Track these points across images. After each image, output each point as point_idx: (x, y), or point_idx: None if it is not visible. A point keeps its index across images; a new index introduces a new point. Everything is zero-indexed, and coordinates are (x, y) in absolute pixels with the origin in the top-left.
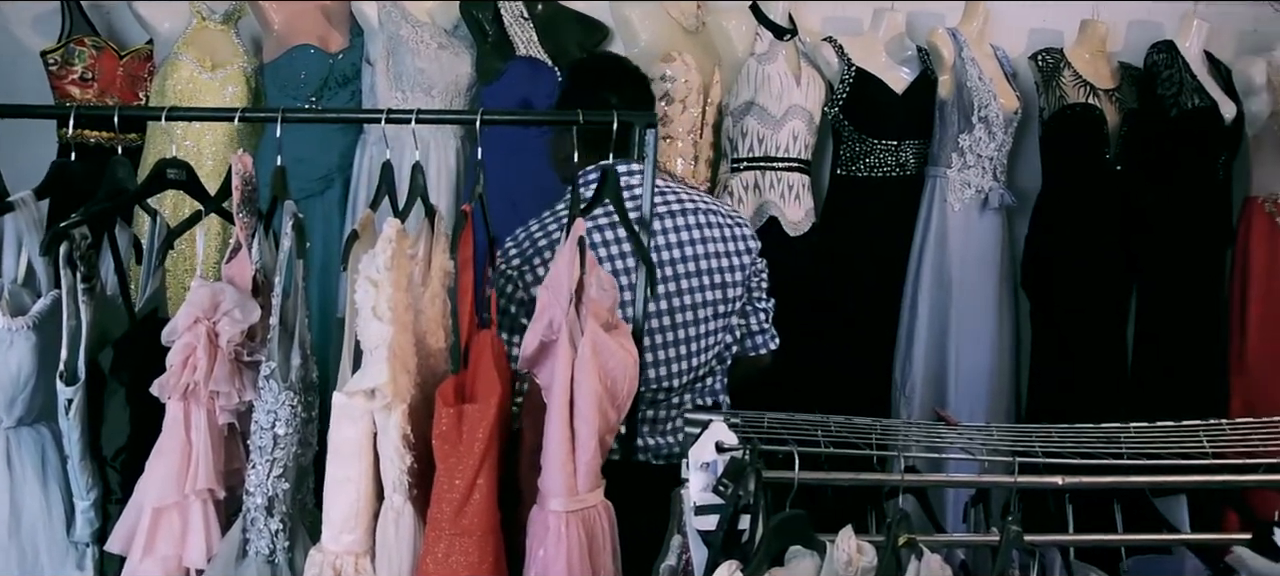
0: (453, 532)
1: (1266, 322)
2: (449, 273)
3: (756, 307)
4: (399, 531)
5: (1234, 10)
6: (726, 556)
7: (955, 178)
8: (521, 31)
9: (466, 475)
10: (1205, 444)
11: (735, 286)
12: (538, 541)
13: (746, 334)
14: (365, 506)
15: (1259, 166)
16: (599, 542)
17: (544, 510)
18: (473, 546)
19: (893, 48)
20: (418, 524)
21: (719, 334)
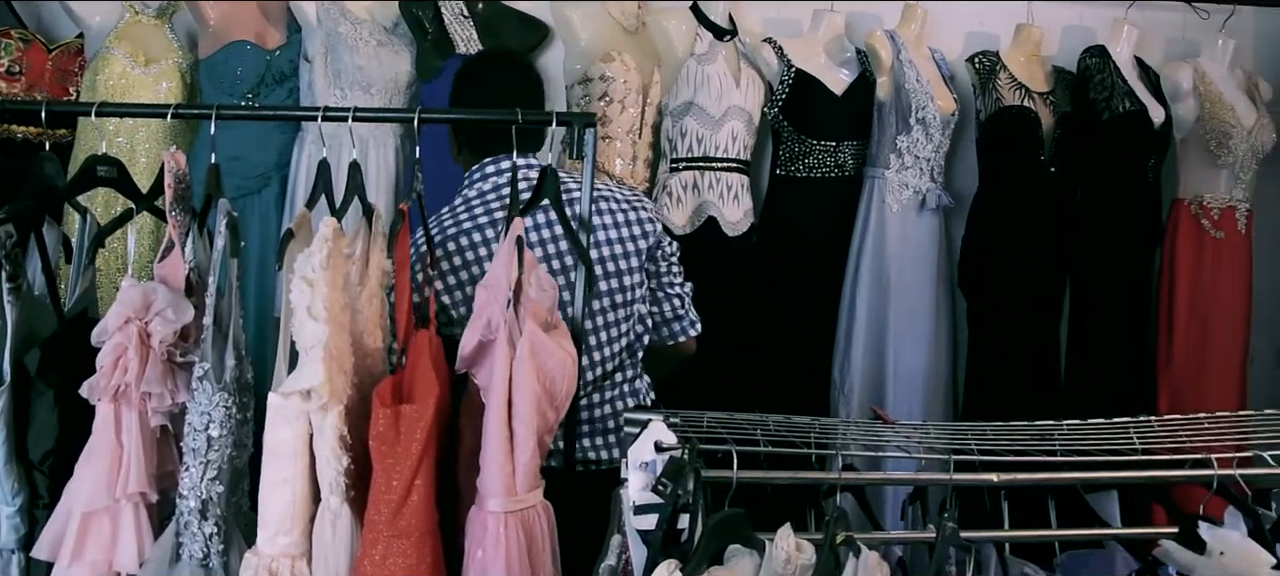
0: (390, 534)
1: (1192, 321)
2: (387, 272)
3: (668, 293)
4: (336, 533)
5: (1163, 17)
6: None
7: (893, 179)
8: (462, 29)
9: (404, 476)
10: (1135, 440)
11: (631, 272)
12: (476, 542)
13: (661, 322)
14: (301, 508)
15: (1186, 169)
16: (538, 543)
17: (483, 510)
18: (411, 547)
19: (832, 49)
20: (355, 525)
21: (623, 326)
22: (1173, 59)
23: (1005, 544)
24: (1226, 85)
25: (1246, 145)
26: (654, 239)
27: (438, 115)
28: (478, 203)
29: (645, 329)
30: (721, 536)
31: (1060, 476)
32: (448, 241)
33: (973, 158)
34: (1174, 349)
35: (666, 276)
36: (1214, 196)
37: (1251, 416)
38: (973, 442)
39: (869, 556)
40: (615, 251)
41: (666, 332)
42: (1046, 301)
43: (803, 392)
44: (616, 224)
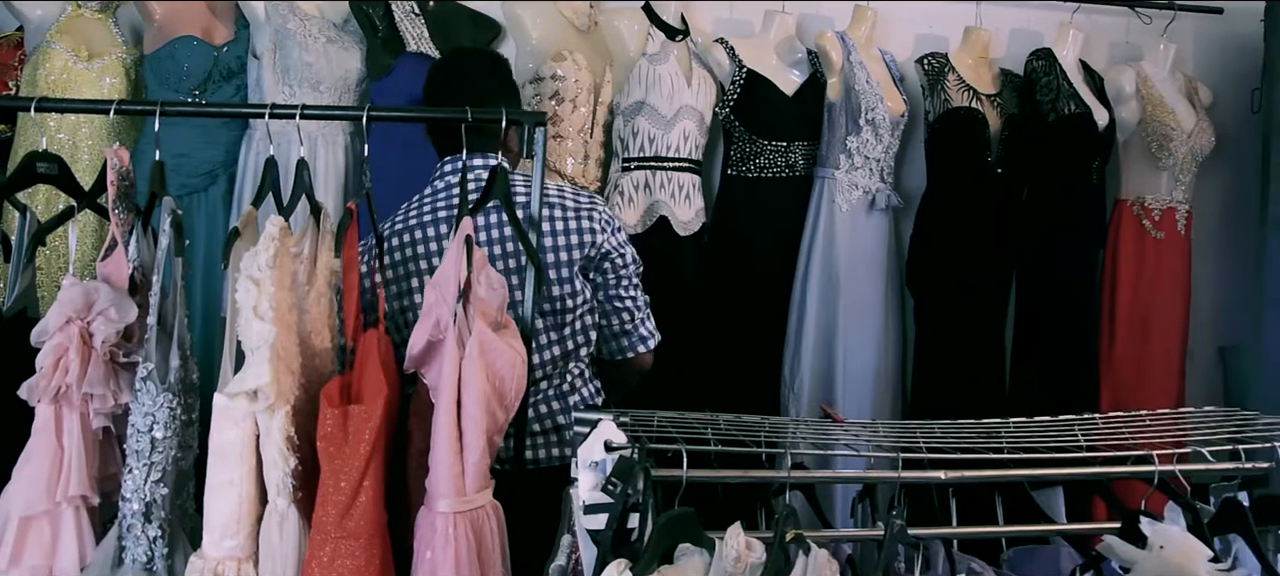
0: (338, 535)
1: (1133, 320)
2: (335, 271)
3: (616, 307)
4: (283, 535)
5: (1107, 22)
6: (616, 555)
7: (843, 179)
8: (412, 27)
9: (352, 477)
10: (1079, 438)
11: (562, 282)
12: (425, 543)
13: (609, 336)
14: (248, 510)
15: (1128, 170)
16: (488, 543)
17: (432, 511)
18: (359, 549)
19: (783, 50)
20: (303, 527)
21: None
22: (1116, 63)
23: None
24: (1167, 89)
25: (1186, 148)
26: (596, 249)
27: (386, 113)
28: (427, 199)
29: (585, 340)
30: (671, 535)
31: (1007, 474)
32: (393, 237)
33: (922, 158)
34: (1116, 346)
35: (615, 288)
36: (1155, 197)
37: (1191, 413)
38: (921, 440)
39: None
40: (549, 260)
41: (615, 347)
42: (993, 300)
43: (753, 391)
44: (555, 231)
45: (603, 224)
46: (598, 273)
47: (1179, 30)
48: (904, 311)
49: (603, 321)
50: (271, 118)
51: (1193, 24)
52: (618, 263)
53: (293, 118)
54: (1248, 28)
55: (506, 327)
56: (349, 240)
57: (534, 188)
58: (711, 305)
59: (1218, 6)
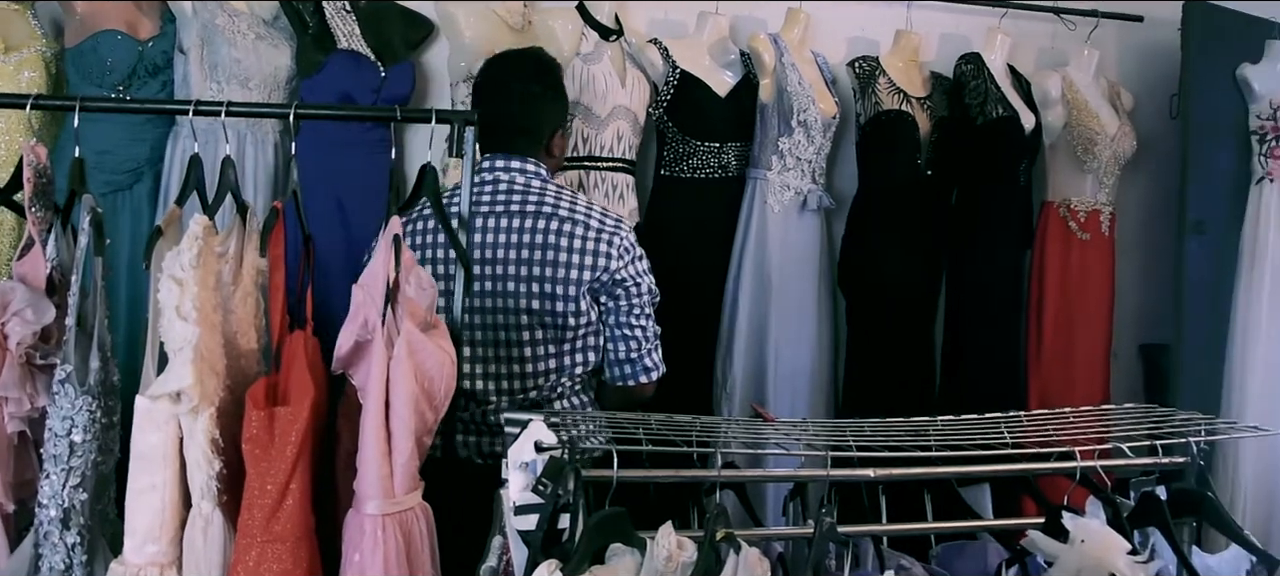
0: (264, 539)
1: (1059, 320)
2: (262, 271)
3: (625, 334)
4: (208, 539)
5: (1033, 27)
6: (546, 556)
7: (775, 180)
8: (343, 24)
9: (278, 479)
10: (1006, 435)
11: (567, 300)
12: (353, 545)
13: (614, 361)
14: (171, 515)
15: (1054, 173)
16: (417, 545)
17: (360, 513)
18: (286, 552)
19: (716, 51)
20: (228, 531)
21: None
22: (1043, 67)
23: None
24: (1092, 94)
25: (1110, 151)
26: (609, 276)
27: (314, 111)
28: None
29: (583, 360)
30: (602, 535)
31: (935, 471)
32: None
33: (853, 160)
34: (1043, 345)
35: (627, 316)
36: (1080, 199)
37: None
38: (851, 439)
39: (749, 553)
40: (558, 276)
41: (618, 372)
42: (922, 300)
43: (686, 390)
44: (571, 248)
45: (621, 251)
46: (609, 298)
47: (1102, 37)
48: (835, 311)
49: (609, 346)
50: (196, 115)
51: (1115, 31)
52: (631, 291)
53: (218, 115)
54: (1166, 36)
55: (436, 328)
56: (275, 239)
57: (464, 188)
58: None
59: (1138, 15)
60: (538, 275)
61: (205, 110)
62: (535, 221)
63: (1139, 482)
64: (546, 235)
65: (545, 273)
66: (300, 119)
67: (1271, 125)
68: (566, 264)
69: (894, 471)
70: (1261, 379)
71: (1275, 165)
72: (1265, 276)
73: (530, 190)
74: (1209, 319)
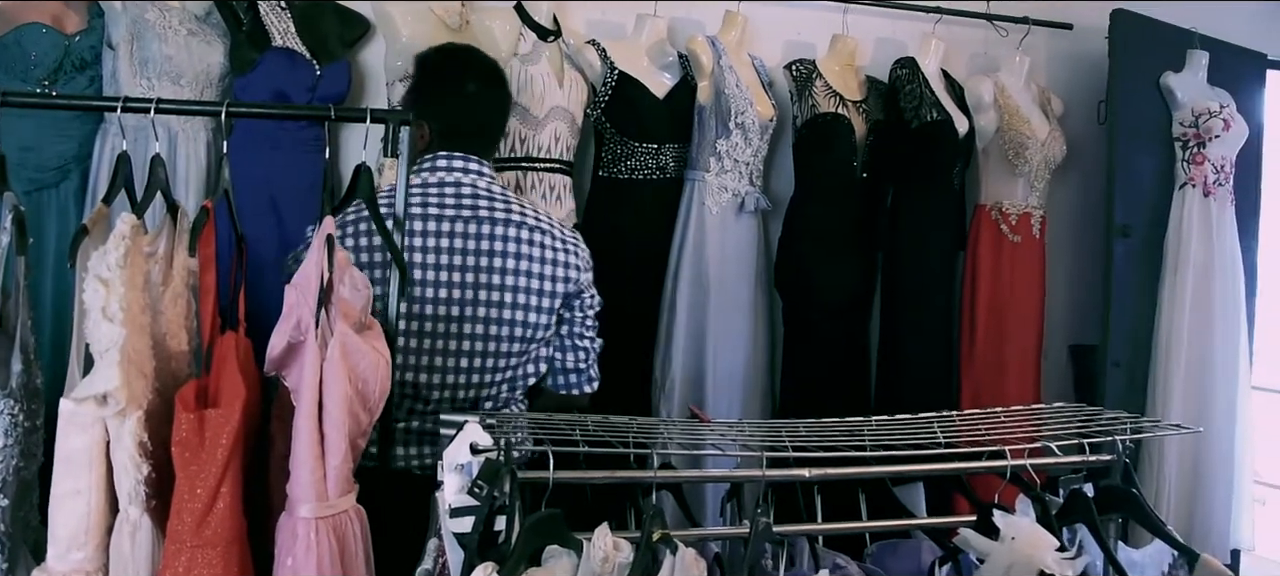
0: (194, 544)
1: (992, 320)
2: (192, 271)
3: (575, 344)
4: (135, 545)
5: (967, 33)
6: (482, 558)
7: (713, 182)
8: (278, 21)
9: (209, 483)
10: (938, 435)
11: (541, 311)
12: (286, 549)
13: (560, 370)
14: (97, 521)
15: (987, 177)
16: (351, 549)
17: (293, 517)
18: (216, 558)
19: (654, 53)
20: (156, 537)
21: (514, 360)
22: (976, 73)
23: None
24: (1023, 99)
25: (1041, 155)
26: (575, 287)
27: (246, 109)
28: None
29: (535, 371)
30: (538, 537)
31: (869, 471)
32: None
33: (790, 162)
34: (976, 346)
35: (578, 327)
36: (1012, 203)
37: (1042, 409)
38: (786, 439)
39: (685, 553)
40: (532, 286)
41: (563, 382)
42: (858, 301)
43: (624, 392)
44: (545, 260)
45: (584, 263)
46: (567, 309)
47: (1033, 44)
48: (773, 312)
49: (559, 355)
50: (125, 112)
51: (1045, 38)
52: (587, 302)
53: (147, 112)
54: (1094, 44)
55: (370, 329)
56: (205, 239)
57: (399, 188)
58: None
59: (1067, 23)
60: (511, 284)
61: (134, 107)
62: (505, 228)
63: (1068, 480)
64: (518, 244)
65: (519, 282)
66: (232, 117)
67: (1193, 132)
68: (541, 274)
69: (829, 471)
70: (1185, 378)
71: (1196, 171)
72: (1188, 279)
73: (494, 196)
74: (1135, 320)
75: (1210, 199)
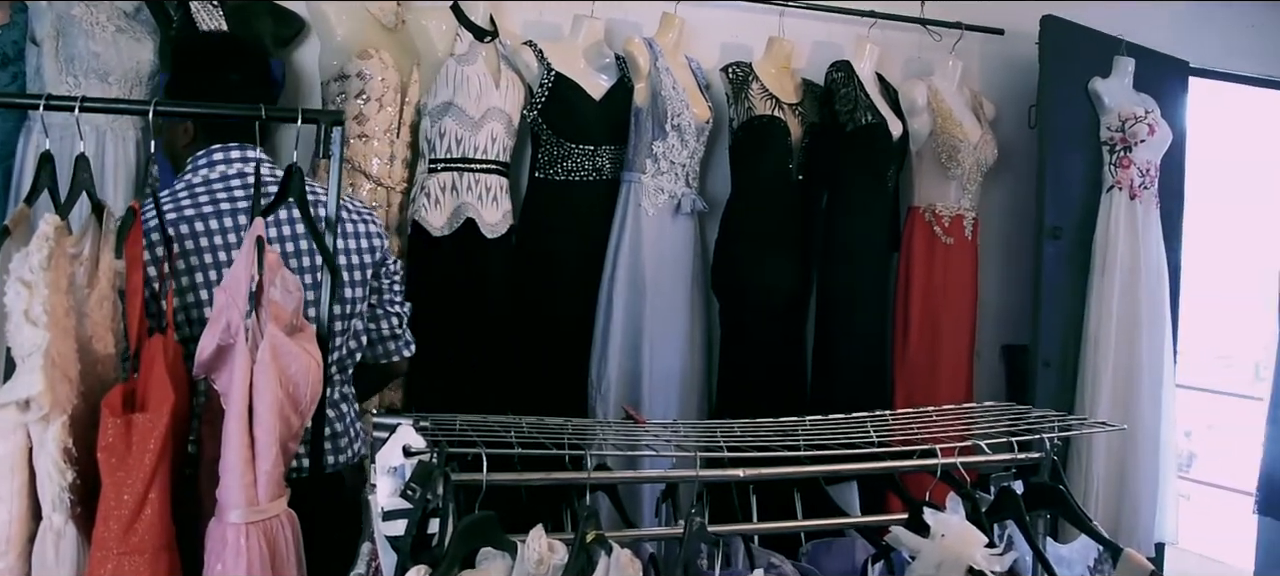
0: (121, 551)
1: (925, 321)
2: (119, 273)
3: (387, 311)
4: (60, 554)
5: (901, 37)
6: (415, 561)
7: (649, 183)
8: (209, 19)
9: (136, 489)
10: (872, 434)
11: (356, 285)
12: (216, 555)
13: (377, 340)
14: (19, 529)
15: (920, 179)
16: (282, 554)
17: (222, 522)
18: (144, 565)
19: (591, 54)
20: (81, 544)
21: (339, 338)
22: (910, 77)
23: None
24: (956, 103)
25: (973, 159)
26: (381, 255)
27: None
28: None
29: (357, 346)
30: (472, 539)
31: (803, 470)
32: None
33: (726, 164)
34: (909, 346)
35: (388, 294)
36: (945, 205)
37: (973, 408)
38: (721, 439)
39: (620, 554)
40: (345, 262)
41: (382, 350)
42: (794, 302)
43: (560, 393)
44: (349, 234)
45: (381, 231)
46: (376, 278)
47: (965, 49)
48: (709, 313)
49: (372, 326)
50: (48, 109)
51: (978, 43)
52: (392, 269)
53: (72, 110)
54: (1025, 49)
55: (302, 331)
56: (132, 239)
57: (332, 189)
58: (518, 308)
59: (999, 28)
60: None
61: (57, 105)
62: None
63: (998, 477)
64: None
65: (336, 260)
66: (160, 116)
67: (1120, 136)
68: (350, 249)
69: (763, 471)
70: (1113, 377)
71: (1123, 175)
72: (1115, 280)
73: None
74: (1065, 320)
75: (1136, 202)
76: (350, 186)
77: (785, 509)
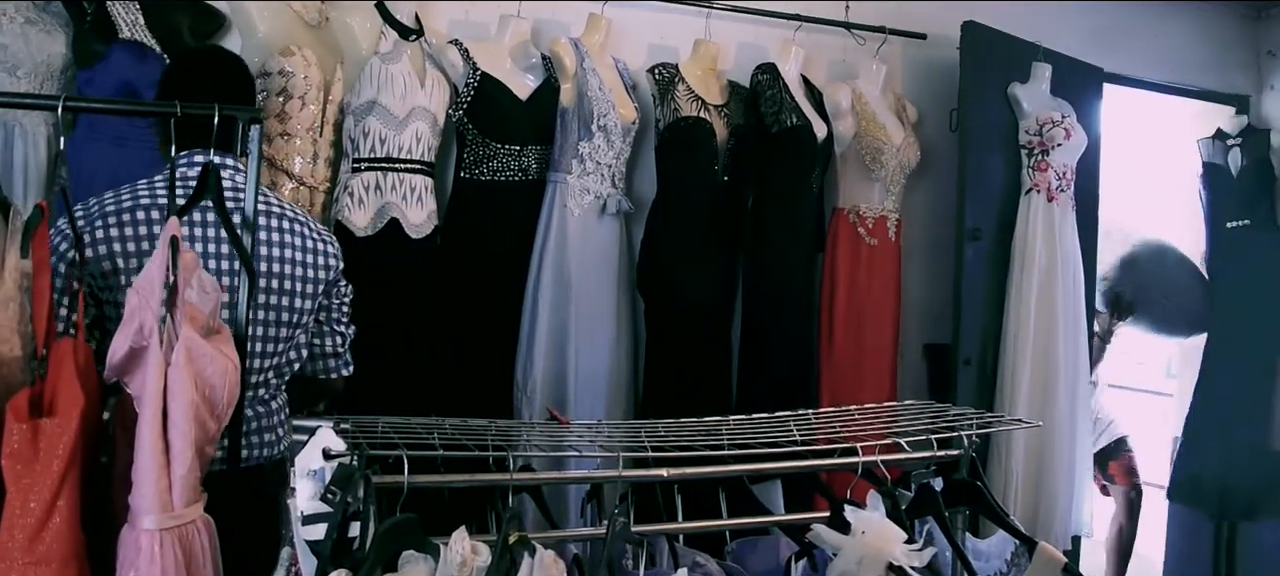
0: (27, 562)
1: (849, 321)
2: (26, 274)
3: (334, 329)
4: None
5: (826, 40)
6: (336, 565)
7: (575, 183)
8: (125, 13)
9: (43, 497)
10: (795, 433)
11: (306, 298)
12: (128, 564)
13: (319, 355)
14: None
15: (845, 181)
16: (198, 561)
17: (135, 530)
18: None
19: (517, 54)
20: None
21: (282, 345)
22: (835, 79)
23: (678, 535)
24: (879, 106)
25: (896, 161)
26: (335, 275)
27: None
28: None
29: (298, 357)
30: (393, 543)
31: (725, 470)
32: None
33: (653, 165)
34: (834, 346)
35: (336, 313)
36: (869, 206)
37: (894, 406)
38: (645, 440)
39: (544, 555)
40: (298, 273)
41: (320, 366)
42: (720, 303)
43: (486, 394)
44: (306, 249)
45: (338, 252)
46: (326, 296)
47: (889, 52)
48: (635, 314)
49: (318, 341)
50: None
51: (901, 47)
52: (343, 289)
53: None
54: (947, 53)
55: (219, 334)
56: (39, 239)
57: (249, 187)
58: (443, 309)
59: (921, 33)
60: (279, 271)
61: None
62: (267, 220)
63: (919, 475)
64: (280, 233)
65: (285, 270)
66: (70, 111)
67: (1037, 140)
68: (306, 263)
69: (687, 471)
70: (1031, 375)
71: (1041, 177)
72: (1033, 280)
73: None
74: (985, 319)
75: (1053, 204)
76: (272, 186)
77: (710, 508)
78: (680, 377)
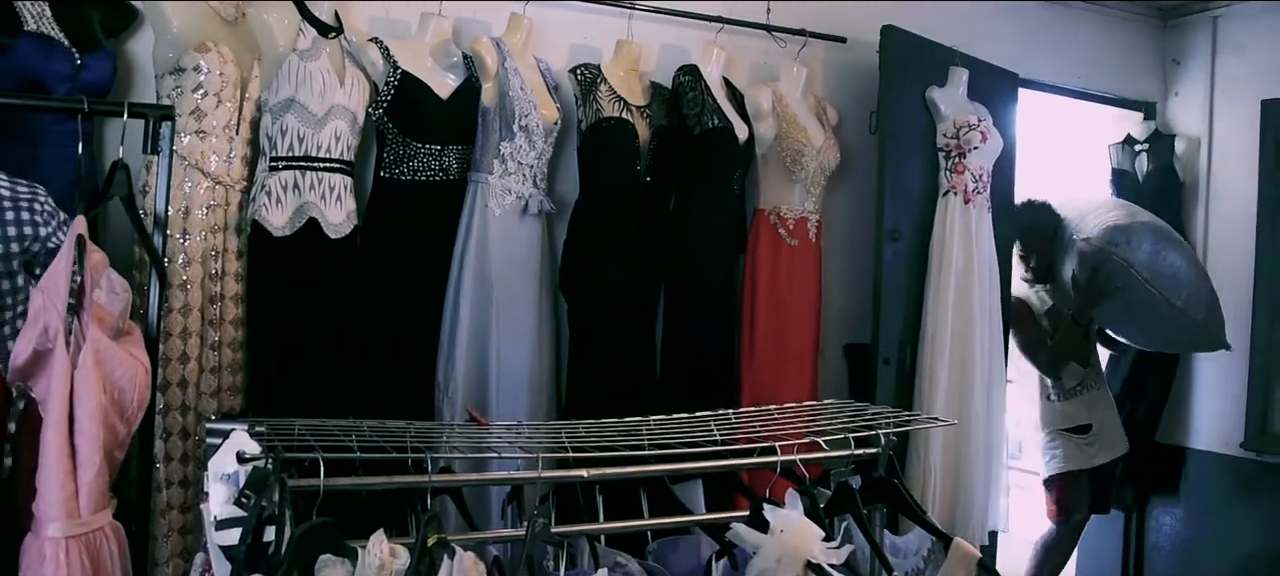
0: None
1: (769, 322)
2: None
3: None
4: None
5: (747, 43)
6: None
7: (496, 184)
8: (31, 5)
9: None
10: (715, 433)
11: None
12: (32, 572)
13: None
14: None
15: (766, 182)
16: (106, 568)
17: (40, 537)
18: None
19: (439, 53)
20: None
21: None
22: (756, 82)
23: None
24: (800, 108)
25: (816, 163)
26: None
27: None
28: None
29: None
30: (310, 547)
31: (645, 470)
32: None
33: (575, 165)
34: (756, 346)
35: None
36: (789, 208)
37: (814, 405)
38: (566, 440)
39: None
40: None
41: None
42: (642, 303)
43: (407, 396)
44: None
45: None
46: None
47: (810, 55)
48: (558, 315)
49: None
50: None
51: (821, 50)
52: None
53: None
54: (867, 57)
55: (129, 335)
56: None
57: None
58: (363, 309)
59: (841, 37)
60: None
61: None
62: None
63: (838, 473)
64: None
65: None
66: None
67: (954, 143)
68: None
69: (607, 471)
70: (949, 373)
71: (958, 180)
72: (950, 281)
73: None
74: (904, 319)
75: (970, 206)
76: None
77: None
78: (603, 377)
